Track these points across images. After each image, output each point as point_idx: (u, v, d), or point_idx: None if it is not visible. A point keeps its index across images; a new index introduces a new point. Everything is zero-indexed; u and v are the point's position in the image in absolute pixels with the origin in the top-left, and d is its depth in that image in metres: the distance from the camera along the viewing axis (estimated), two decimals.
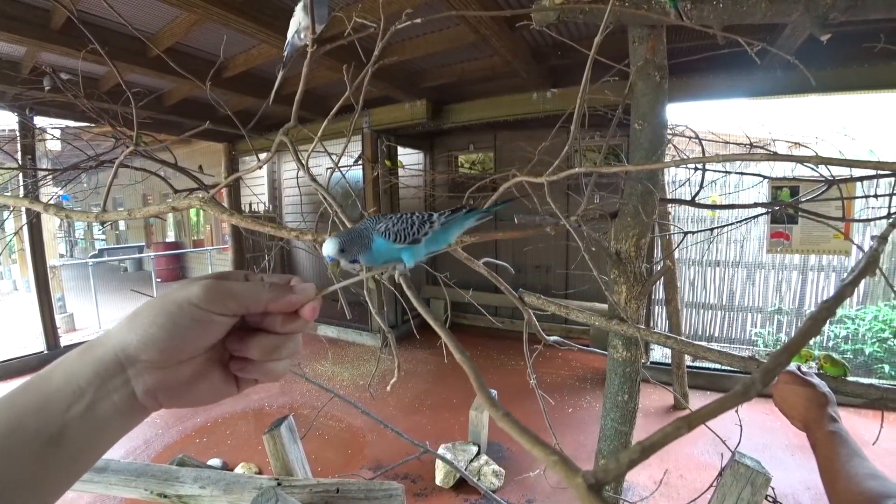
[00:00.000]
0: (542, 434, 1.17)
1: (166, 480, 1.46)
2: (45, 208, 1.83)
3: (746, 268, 5.05)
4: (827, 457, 0.81)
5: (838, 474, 0.76)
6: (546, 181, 0.61)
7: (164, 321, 0.35)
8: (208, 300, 0.35)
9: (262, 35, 3.01)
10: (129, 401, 0.34)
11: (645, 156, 1.21)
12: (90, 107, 2.35)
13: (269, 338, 0.39)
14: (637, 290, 1.23)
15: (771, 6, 1.05)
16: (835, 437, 0.83)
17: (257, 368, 0.39)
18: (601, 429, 1.39)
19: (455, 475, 2.70)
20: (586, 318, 1.25)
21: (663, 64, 1.20)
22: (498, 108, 4.71)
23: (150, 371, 0.35)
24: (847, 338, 4.58)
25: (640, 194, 1.19)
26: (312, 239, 1.33)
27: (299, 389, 4.32)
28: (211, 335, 0.36)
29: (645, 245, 1.25)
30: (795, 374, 0.99)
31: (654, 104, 1.20)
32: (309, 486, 1.38)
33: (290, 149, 0.92)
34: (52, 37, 3.01)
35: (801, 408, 0.93)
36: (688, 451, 3.13)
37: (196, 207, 1.52)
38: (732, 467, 1.33)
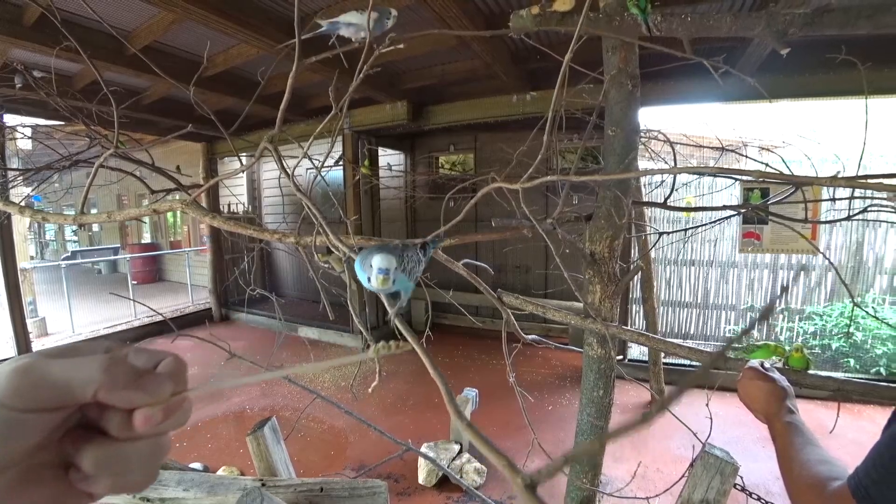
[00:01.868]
0: (522, 430, 1.23)
1: None
2: (20, 211, 1.80)
3: (720, 267, 5.22)
4: (783, 445, 0.86)
5: (793, 461, 0.81)
6: (521, 188, 0.65)
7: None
8: (13, 394, 0.26)
9: (241, 35, 3.00)
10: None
11: (618, 160, 1.26)
12: (64, 105, 2.30)
13: (106, 445, 0.28)
14: (611, 290, 1.28)
15: (735, 21, 1.11)
16: (791, 426, 0.88)
17: (101, 482, 0.29)
18: (578, 423, 1.44)
19: (437, 474, 2.73)
20: (562, 316, 1.29)
21: (635, 73, 1.25)
22: (478, 110, 4.76)
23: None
24: (815, 333, 4.77)
25: (613, 198, 1.24)
26: (295, 242, 1.35)
27: (280, 392, 4.29)
28: (23, 440, 0.27)
29: (618, 246, 1.30)
30: (757, 370, 1.05)
31: (626, 111, 1.26)
32: (293, 485, 1.39)
33: (273, 156, 0.93)
34: (25, 33, 2.94)
35: (762, 401, 0.98)
36: (664, 446, 3.23)
37: (177, 210, 1.52)
38: (703, 458, 1.39)
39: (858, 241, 4.83)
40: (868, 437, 2.63)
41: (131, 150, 2.04)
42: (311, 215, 0.88)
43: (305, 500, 1.37)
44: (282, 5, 3.03)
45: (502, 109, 4.56)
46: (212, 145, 6.68)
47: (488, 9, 3.10)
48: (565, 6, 1.11)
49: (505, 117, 4.61)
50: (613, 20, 1.16)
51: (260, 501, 1.18)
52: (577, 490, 1.40)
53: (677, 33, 1.16)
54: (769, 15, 1.15)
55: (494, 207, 1.42)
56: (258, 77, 4.55)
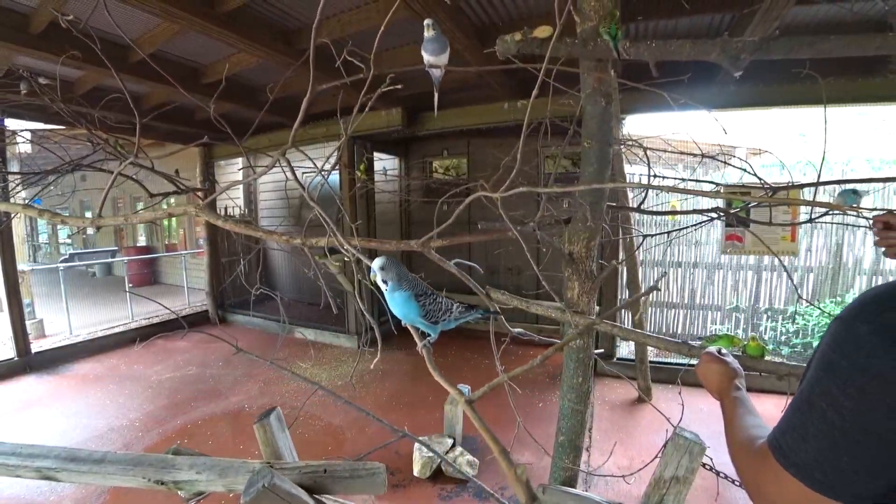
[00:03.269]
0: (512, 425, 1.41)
1: (163, 468, 1.57)
2: (39, 213, 1.91)
3: (705, 268, 5.39)
4: (728, 416, 1.00)
5: (734, 428, 0.94)
6: (499, 196, 0.78)
7: None
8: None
9: (242, 45, 3.12)
10: None
11: (594, 171, 1.40)
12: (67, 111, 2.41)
13: None
14: (588, 287, 1.42)
15: (694, 47, 1.25)
16: (736, 400, 1.02)
17: None
18: (560, 409, 1.57)
19: (432, 466, 2.85)
20: (544, 311, 1.43)
21: (608, 91, 1.39)
22: (470, 117, 4.92)
23: None
24: (797, 332, 4.95)
25: (591, 203, 1.38)
26: (301, 243, 1.48)
27: (279, 391, 4.39)
28: None
29: (595, 247, 1.44)
30: (713, 354, 1.19)
31: (600, 125, 1.39)
32: (298, 467, 1.51)
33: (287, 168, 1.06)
34: (32, 41, 3.04)
35: (716, 381, 1.12)
36: (650, 440, 3.37)
37: (192, 214, 1.64)
38: (674, 440, 1.53)
39: (838, 243, 5.01)
40: None
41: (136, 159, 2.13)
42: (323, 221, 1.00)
43: (310, 480, 1.48)
44: (281, 16, 3.16)
45: (493, 116, 4.71)
46: (209, 149, 6.77)
47: (480, 22, 3.25)
48: (544, 34, 1.25)
49: (496, 124, 4.77)
50: (588, 44, 1.30)
51: (270, 478, 1.30)
52: (561, 470, 1.52)
53: (644, 57, 1.30)
54: (723, 42, 1.29)
55: (486, 211, 1.55)
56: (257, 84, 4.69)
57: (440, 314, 0.88)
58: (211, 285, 7.02)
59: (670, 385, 4.40)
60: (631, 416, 3.92)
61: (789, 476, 0.64)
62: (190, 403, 4.16)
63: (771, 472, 0.68)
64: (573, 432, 1.54)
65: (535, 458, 3.03)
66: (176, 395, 4.36)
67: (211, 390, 4.46)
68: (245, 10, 2.92)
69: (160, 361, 5.26)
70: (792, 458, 0.64)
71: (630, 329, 1.32)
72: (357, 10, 2.95)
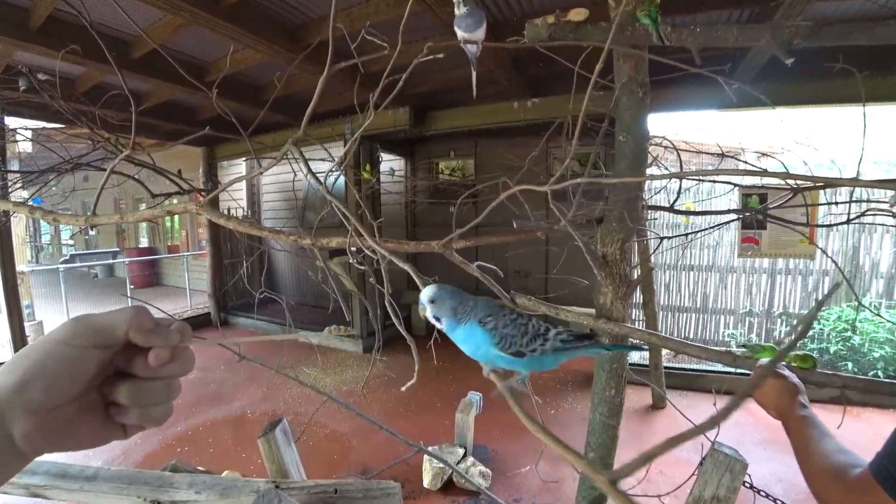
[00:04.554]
0: (524, 434, 1.25)
1: (160, 487, 1.46)
2: (31, 211, 1.81)
3: (719, 272, 5.27)
4: (800, 439, 0.89)
5: (811, 453, 0.83)
6: (549, 189, 0.67)
7: (36, 363, 0.35)
8: (70, 335, 0.36)
9: (247, 40, 3.02)
10: (5, 445, 0.34)
11: (629, 165, 1.29)
12: (67, 108, 2.31)
13: (136, 383, 0.39)
14: (622, 292, 1.31)
15: (742, 32, 1.14)
16: (806, 420, 0.91)
17: (132, 414, 0.39)
18: (590, 423, 1.46)
19: (443, 477, 2.74)
20: (575, 318, 1.32)
21: (645, 81, 1.28)
22: (479, 117, 4.80)
23: (27, 414, 0.34)
24: (813, 337, 4.82)
25: (626, 201, 1.27)
26: (311, 244, 1.37)
27: (282, 396, 4.29)
28: (82, 373, 0.36)
29: (629, 249, 1.33)
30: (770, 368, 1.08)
31: (636, 118, 1.29)
32: (306, 487, 1.40)
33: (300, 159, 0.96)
34: (31, 36, 2.95)
35: (775, 397, 1.01)
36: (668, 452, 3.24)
37: (193, 212, 1.53)
38: (713, 456, 1.41)
39: (855, 246, 4.89)
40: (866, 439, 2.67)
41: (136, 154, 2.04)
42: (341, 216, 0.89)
43: (320, 501, 1.37)
44: (288, 11, 3.06)
45: (503, 116, 4.60)
46: (212, 149, 6.68)
47: (492, 17, 3.14)
48: (579, 16, 1.14)
49: (505, 123, 4.66)
50: (625, 30, 1.20)
51: (277, 502, 1.19)
52: (590, 489, 1.41)
53: (687, 43, 1.20)
54: (774, 27, 1.18)
55: (496, 213, 1.44)
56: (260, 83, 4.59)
57: (525, 341, 0.58)
58: (213, 287, 6.92)
59: (684, 391, 4.29)
60: (645, 423, 3.80)
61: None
62: (191, 409, 4.05)
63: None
64: (605, 448, 1.42)
65: (552, 468, 2.91)
66: (176, 400, 4.24)
67: (212, 395, 4.35)
68: (250, 3, 2.83)
69: None
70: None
71: (668, 337, 1.21)
72: (367, 3, 2.86)
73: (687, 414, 2.80)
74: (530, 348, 0.59)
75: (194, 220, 8.97)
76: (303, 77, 4.01)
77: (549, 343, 0.60)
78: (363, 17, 2.87)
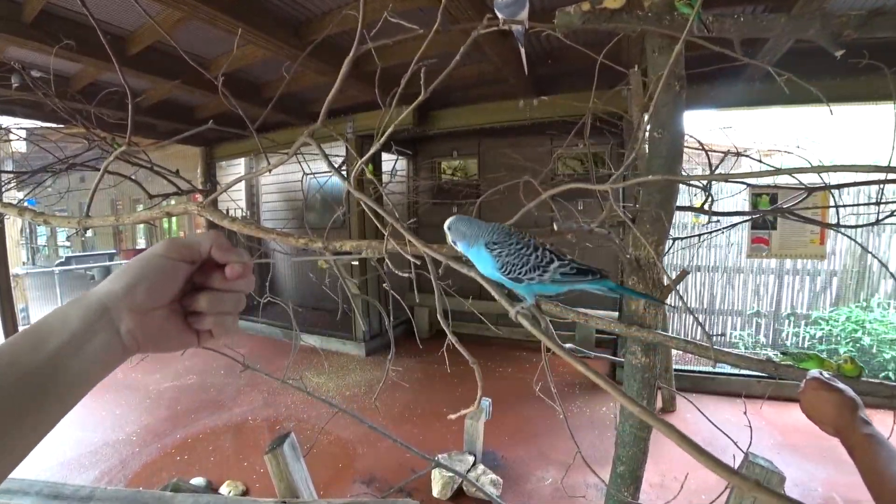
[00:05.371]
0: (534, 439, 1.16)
1: None
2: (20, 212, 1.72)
3: (726, 272, 5.21)
4: (867, 460, 0.81)
5: (884, 476, 0.76)
6: (610, 188, 0.59)
7: (139, 271, 0.43)
8: (167, 250, 0.44)
9: (249, 35, 2.93)
10: (113, 340, 0.40)
11: (664, 163, 1.21)
12: (62, 107, 2.22)
13: (213, 293, 0.46)
14: (657, 296, 1.23)
15: (789, 22, 1.07)
16: (872, 439, 0.83)
17: (208, 320, 0.46)
18: (618, 435, 1.38)
19: (452, 486, 2.65)
20: (605, 325, 1.24)
21: (682, 74, 1.21)
22: (483, 115, 4.72)
23: (130, 314, 0.41)
24: (822, 338, 4.76)
25: (660, 201, 1.19)
26: (323, 246, 1.28)
27: (283, 402, 4.19)
28: (174, 281, 0.44)
29: (663, 251, 1.25)
30: (822, 380, 1.00)
31: (672, 113, 1.21)
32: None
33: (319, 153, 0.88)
34: (24, 31, 2.85)
35: (832, 413, 0.93)
36: (679, 455, 3.17)
37: (193, 213, 1.45)
38: (748, 468, 1.34)
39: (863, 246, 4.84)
40: None
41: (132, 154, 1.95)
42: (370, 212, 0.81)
43: None
44: (290, 6, 2.98)
45: (508, 115, 4.52)
46: (210, 149, 6.57)
47: None
48: (616, 4, 1.06)
49: (510, 123, 4.58)
50: (663, 19, 1.12)
51: None
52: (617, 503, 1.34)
53: (729, 34, 1.12)
54: (823, 16, 1.11)
55: (499, 214, 1.36)
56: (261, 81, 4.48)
57: (525, 270, 0.63)
58: None
59: (693, 394, 4.21)
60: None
61: None
62: (190, 415, 3.95)
63: None
64: (635, 461, 1.35)
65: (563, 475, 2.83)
66: (176, 406, 4.15)
67: (213, 401, 4.26)
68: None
69: (159, 370, 5.04)
70: None
71: (706, 345, 1.13)
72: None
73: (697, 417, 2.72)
74: (528, 277, 0.65)
75: (193, 222, 8.86)
76: (305, 75, 3.92)
77: (548, 275, 0.65)
78: (371, 13, 2.78)
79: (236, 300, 0.48)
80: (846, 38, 1.10)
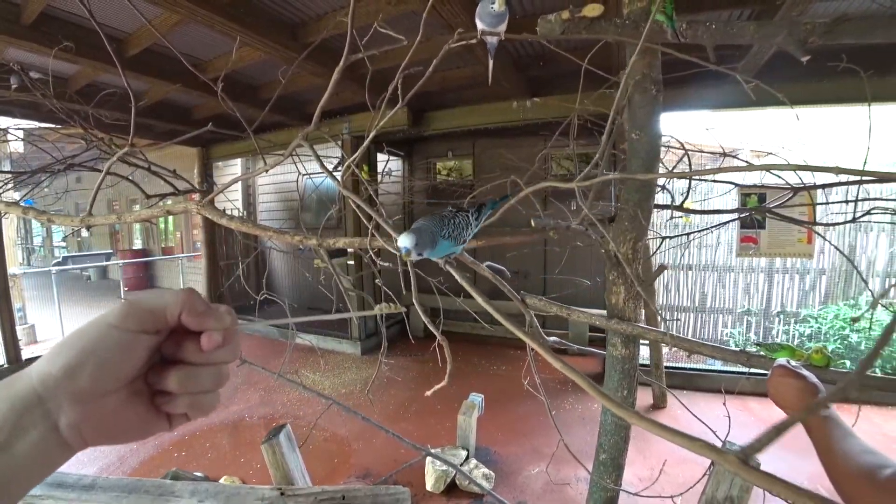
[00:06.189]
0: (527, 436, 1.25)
1: (161, 496, 1.42)
2: (24, 212, 1.77)
3: (717, 271, 5.28)
4: (823, 440, 0.87)
5: (836, 454, 0.81)
6: (577, 186, 0.65)
7: (85, 347, 0.34)
8: (122, 318, 0.35)
9: (245, 38, 2.98)
10: (50, 437, 0.32)
11: (643, 164, 1.27)
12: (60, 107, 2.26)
13: (185, 369, 0.37)
14: (635, 291, 1.29)
15: (758, 29, 1.13)
16: (828, 421, 0.89)
17: (181, 402, 0.37)
18: (601, 424, 1.44)
19: (445, 480, 2.71)
20: (587, 318, 1.30)
21: (658, 78, 1.27)
22: (478, 116, 4.78)
23: (72, 403, 0.33)
24: (811, 336, 4.84)
25: (638, 201, 1.25)
26: (318, 244, 1.34)
27: (280, 400, 4.24)
28: (132, 360, 0.35)
29: (642, 248, 1.31)
30: (787, 368, 1.06)
31: (649, 115, 1.27)
32: (313, 494, 1.36)
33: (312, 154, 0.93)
34: (22, 32, 2.89)
35: (795, 398, 0.99)
36: (669, 448, 3.23)
37: (192, 212, 1.50)
38: None
39: (851, 245, 4.92)
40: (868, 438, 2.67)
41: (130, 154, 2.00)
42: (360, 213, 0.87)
43: None
44: (287, 9, 3.03)
45: (502, 116, 4.58)
46: (207, 150, 6.61)
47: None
48: (594, 12, 1.12)
49: (504, 124, 4.64)
50: (639, 26, 1.18)
51: None
52: (601, 491, 1.39)
53: (702, 40, 1.18)
54: (790, 24, 1.17)
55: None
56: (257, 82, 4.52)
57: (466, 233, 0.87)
58: (209, 289, 6.84)
59: (685, 391, 4.28)
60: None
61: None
62: None
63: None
64: (616, 450, 1.40)
65: (554, 469, 2.89)
66: None
67: None
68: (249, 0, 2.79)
69: None
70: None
71: (682, 337, 1.19)
72: (368, 1, 2.82)
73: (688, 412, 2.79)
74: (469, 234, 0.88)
75: (189, 222, 8.88)
76: (301, 77, 3.97)
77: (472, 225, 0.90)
78: (364, 17, 2.83)
79: (216, 375, 0.39)
80: (812, 45, 1.16)
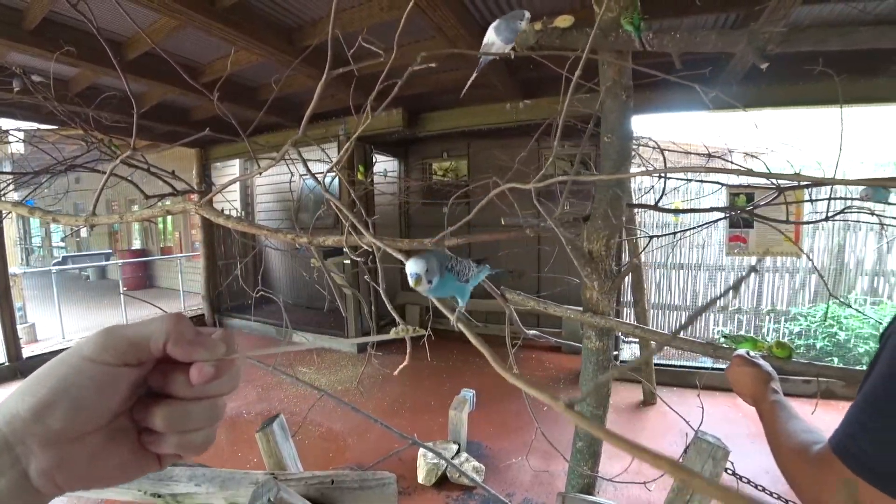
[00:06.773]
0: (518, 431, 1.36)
1: (160, 480, 1.49)
2: (31, 212, 1.84)
3: (708, 270, 5.36)
4: (769, 421, 0.94)
5: (779, 434, 0.89)
6: (533, 188, 0.72)
7: (56, 385, 0.29)
8: (99, 350, 0.31)
9: (243, 42, 3.05)
10: (20, 484, 0.28)
11: (614, 165, 1.35)
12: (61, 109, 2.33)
13: (174, 405, 0.33)
14: (607, 286, 1.36)
15: (720, 38, 1.20)
16: (776, 404, 0.96)
17: (169, 441, 0.33)
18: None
19: (437, 473, 2.78)
20: (562, 312, 1.37)
21: (628, 84, 1.34)
22: (472, 118, 4.86)
23: (44, 448, 0.28)
24: (800, 333, 4.92)
25: (610, 200, 1.33)
26: (308, 242, 1.41)
27: (277, 396, 4.31)
28: (111, 397, 0.31)
29: (614, 245, 1.38)
30: (744, 357, 1.13)
31: (620, 119, 1.34)
32: (304, 478, 1.44)
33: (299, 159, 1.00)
34: (25, 37, 2.96)
35: (749, 385, 1.07)
36: (657, 443, 3.31)
37: (191, 212, 1.57)
38: (696, 444, 1.47)
39: (840, 244, 5.00)
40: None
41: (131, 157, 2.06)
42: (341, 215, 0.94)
43: (317, 492, 1.41)
44: (283, 14, 3.10)
45: (496, 117, 4.66)
46: (205, 151, 6.68)
47: (483, 19, 3.20)
48: (565, 23, 1.20)
49: (498, 125, 4.72)
50: (609, 36, 1.25)
51: (276, 491, 1.23)
52: (579, 477, 1.46)
53: (667, 49, 1.26)
54: (750, 33, 1.25)
55: (487, 213, 1.49)
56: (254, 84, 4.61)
57: (471, 272, 0.85)
58: (207, 289, 6.92)
59: (675, 388, 4.36)
60: (637, 418, 3.86)
61: (862, 481, 0.60)
62: None
63: (837, 478, 0.64)
64: (592, 438, 1.48)
65: (544, 463, 2.97)
66: None
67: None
68: (245, 6, 2.86)
69: None
70: (867, 462, 0.60)
71: (653, 330, 1.26)
72: (360, 6, 2.90)
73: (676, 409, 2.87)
74: (469, 274, 0.84)
75: (188, 222, 8.95)
76: (297, 79, 4.04)
77: (472, 271, 0.86)
78: (357, 21, 2.91)
79: (209, 410, 0.35)
80: (770, 52, 1.24)
